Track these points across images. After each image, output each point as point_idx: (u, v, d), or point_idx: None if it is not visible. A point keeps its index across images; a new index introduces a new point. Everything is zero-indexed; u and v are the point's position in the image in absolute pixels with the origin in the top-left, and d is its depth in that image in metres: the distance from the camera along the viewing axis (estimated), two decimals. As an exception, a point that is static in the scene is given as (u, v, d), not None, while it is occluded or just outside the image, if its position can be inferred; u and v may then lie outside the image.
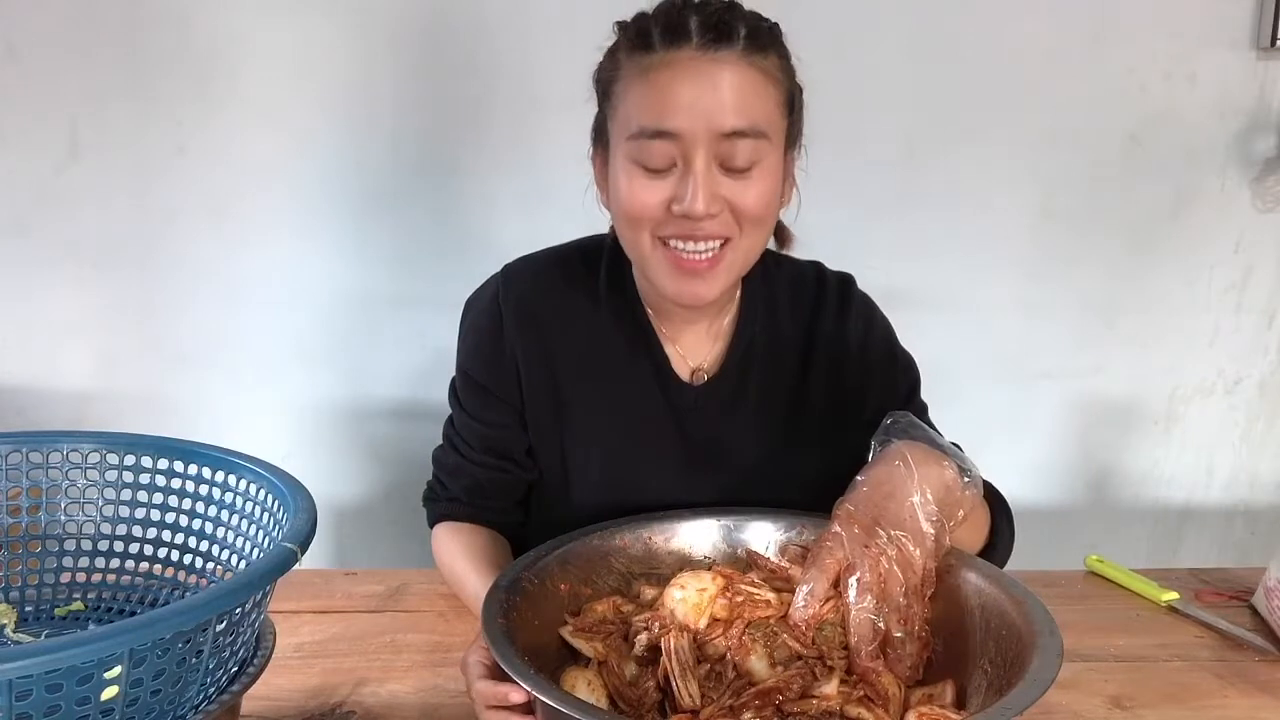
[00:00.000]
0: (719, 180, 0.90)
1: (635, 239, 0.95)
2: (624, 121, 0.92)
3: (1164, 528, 1.91)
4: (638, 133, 0.90)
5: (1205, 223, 1.74)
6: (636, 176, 0.92)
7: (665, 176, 0.91)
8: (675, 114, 0.88)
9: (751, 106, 0.89)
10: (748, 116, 0.89)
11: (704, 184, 0.89)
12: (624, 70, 0.92)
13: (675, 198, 0.90)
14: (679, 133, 0.88)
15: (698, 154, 0.89)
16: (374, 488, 1.80)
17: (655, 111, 0.89)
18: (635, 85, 0.91)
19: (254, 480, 0.73)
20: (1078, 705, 0.84)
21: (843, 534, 0.79)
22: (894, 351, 1.11)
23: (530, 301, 1.06)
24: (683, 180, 0.90)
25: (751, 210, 0.92)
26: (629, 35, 0.93)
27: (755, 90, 0.90)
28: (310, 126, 1.64)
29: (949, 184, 1.70)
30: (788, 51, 0.95)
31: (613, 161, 0.95)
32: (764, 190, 0.92)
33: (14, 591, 0.77)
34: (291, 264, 1.70)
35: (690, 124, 0.88)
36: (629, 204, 0.93)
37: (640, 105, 0.90)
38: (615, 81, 0.94)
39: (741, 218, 0.92)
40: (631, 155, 0.91)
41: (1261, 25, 1.64)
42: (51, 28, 1.58)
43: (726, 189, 0.91)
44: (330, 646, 0.93)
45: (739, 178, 0.91)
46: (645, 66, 0.90)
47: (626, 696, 0.76)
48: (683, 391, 1.06)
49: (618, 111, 0.93)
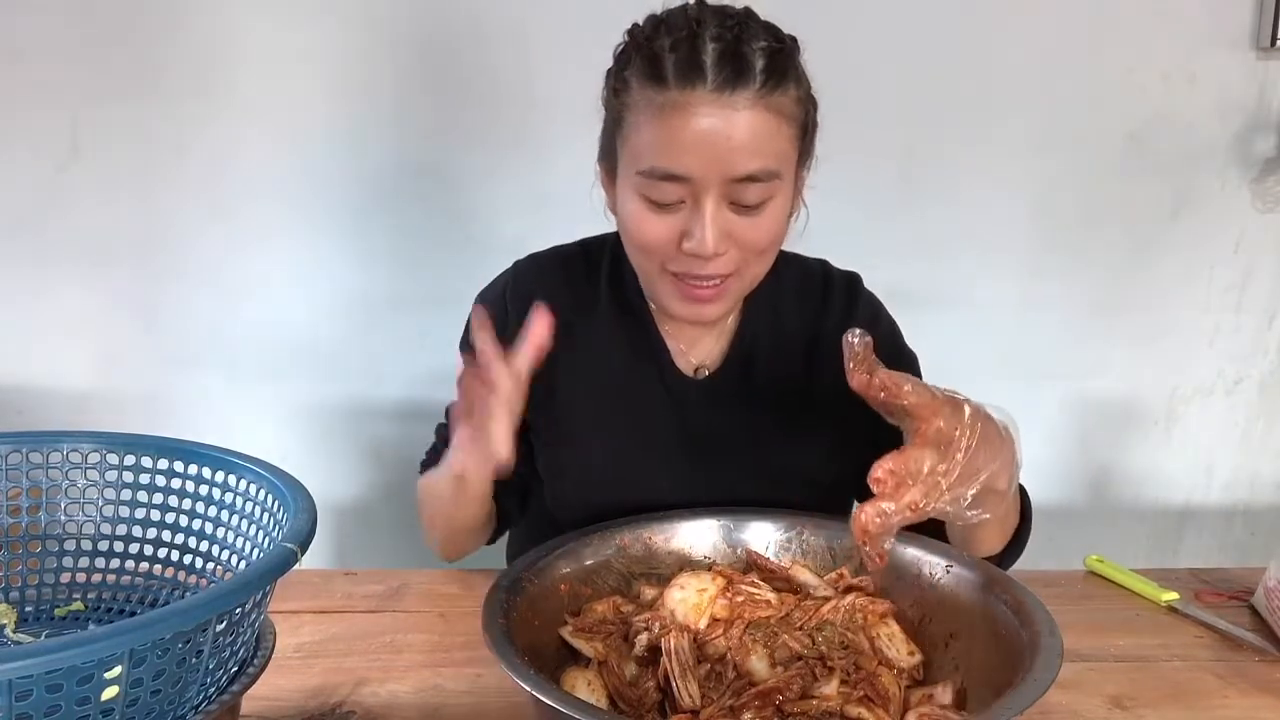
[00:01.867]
0: (729, 219, 0.90)
1: (643, 263, 0.96)
2: (634, 154, 0.91)
3: (1164, 528, 1.91)
4: (648, 171, 0.89)
5: (1205, 223, 1.74)
6: (645, 211, 0.91)
7: (674, 211, 0.90)
8: (687, 158, 0.87)
9: (765, 150, 0.88)
10: (760, 160, 0.87)
11: (713, 224, 0.88)
12: (635, 100, 0.90)
13: (684, 234, 0.90)
14: (690, 176, 0.87)
15: (708, 196, 0.88)
16: (374, 488, 1.80)
17: (667, 154, 0.87)
18: (647, 122, 0.88)
19: (254, 480, 0.73)
20: (1078, 705, 0.84)
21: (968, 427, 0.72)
22: (900, 350, 1.10)
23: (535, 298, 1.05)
24: (692, 218, 0.89)
25: (759, 246, 0.92)
26: (641, 61, 0.89)
27: (769, 132, 0.88)
28: (311, 126, 1.64)
29: (949, 184, 1.70)
30: (804, 74, 0.92)
31: (621, 186, 0.95)
32: (772, 226, 0.92)
33: (14, 591, 0.77)
34: (292, 264, 1.70)
35: (702, 169, 0.87)
36: (637, 234, 0.93)
37: (652, 145, 0.88)
38: (626, 110, 0.91)
39: (748, 251, 0.92)
40: (640, 190, 0.91)
41: (1261, 25, 1.64)
42: (52, 28, 1.58)
43: (735, 226, 0.90)
44: (330, 646, 0.93)
45: (749, 214, 0.90)
46: (659, 105, 0.87)
47: (626, 696, 0.76)
48: (685, 387, 1.06)
49: (628, 141, 0.92)
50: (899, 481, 0.69)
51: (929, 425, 0.71)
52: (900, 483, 0.69)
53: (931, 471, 0.70)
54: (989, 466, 0.72)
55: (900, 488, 0.69)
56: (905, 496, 0.69)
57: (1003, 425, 0.76)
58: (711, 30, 0.87)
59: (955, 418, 0.71)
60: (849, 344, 0.72)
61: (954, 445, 0.70)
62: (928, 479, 0.69)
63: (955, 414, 0.71)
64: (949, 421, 0.71)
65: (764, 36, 0.88)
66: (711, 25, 0.87)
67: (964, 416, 0.71)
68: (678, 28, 0.88)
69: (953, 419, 0.71)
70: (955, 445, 0.70)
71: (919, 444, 0.70)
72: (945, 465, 0.70)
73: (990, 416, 0.74)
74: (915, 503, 0.69)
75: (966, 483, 0.71)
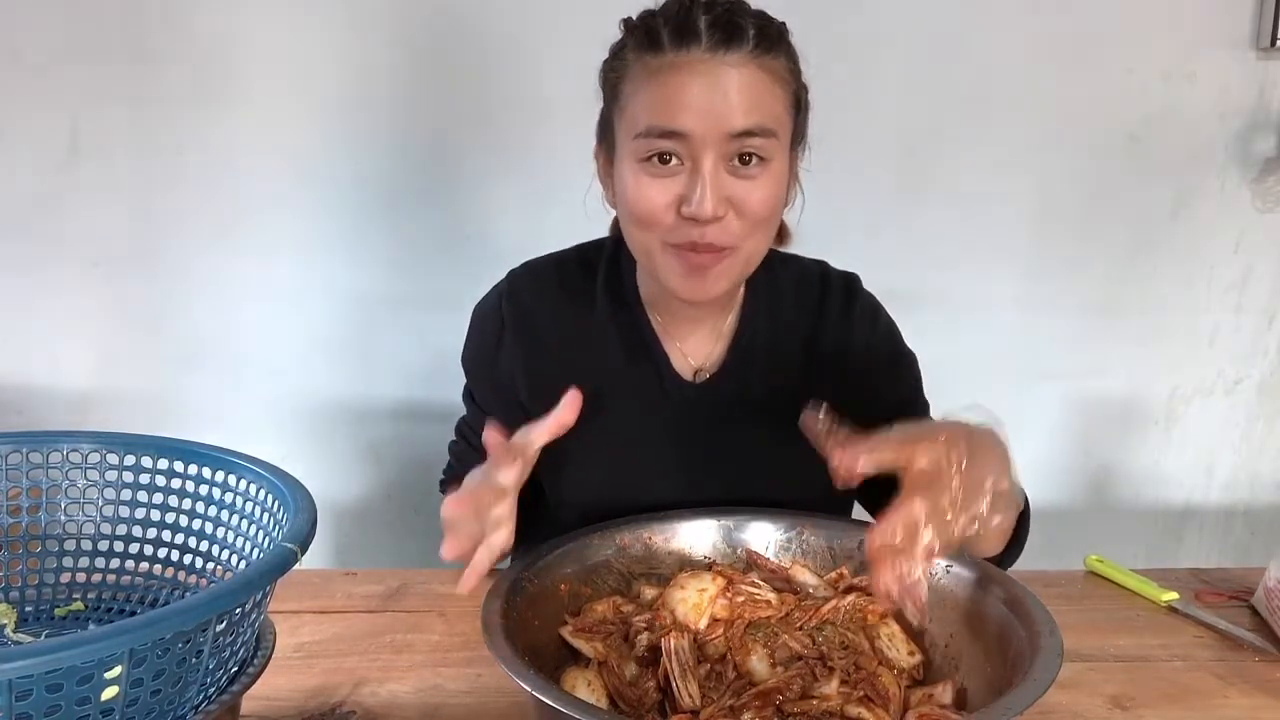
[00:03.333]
0: (727, 181, 0.90)
1: (643, 239, 0.96)
2: (631, 120, 0.92)
3: (1164, 528, 1.91)
4: (646, 131, 0.90)
5: (1205, 223, 1.74)
6: (643, 175, 0.92)
7: (673, 175, 0.91)
8: (684, 114, 0.88)
9: (760, 106, 0.89)
10: (757, 116, 0.89)
11: (712, 185, 0.89)
12: (632, 70, 0.92)
13: (683, 198, 0.90)
14: (688, 133, 0.88)
15: (706, 154, 0.89)
16: (374, 488, 1.80)
17: (664, 111, 0.89)
18: (644, 85, 0.90)
19: (254, 480, 0.73)
20: (1078, 705, 0.84)
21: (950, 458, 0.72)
22: (899, 351, 1.10)
23: (530, 308, 1.07)
24: (691, 181, 0.90)
25: (758, 211, 0.92)
26: (637, 35, 0.92)
27: (764, 90, 0.90)
28: (311, 126, 1.64)
29: (949, 184, 1.70)
30: (795, 52, 0.94)
31: (619, 160, 0.95)
32: (771, 191, 0.92)
33: (14, 591, 0.77)
34: (292, 264, 1.70)
35: (699, 124, 0.88)
36: (636, 203, 0.93)
37: (649, 105, 0.90)
38: (623, 81, 0.94)
39: (748, 219, 0.92)
40: (638, 154, 0.91)
41: (1261, 25, 1.64)
42: (52, 28, 1.58)
43: (734, 190, 0.91)
44: (330, 646, 0.93)
45: (747, 178, 0.91)
46: (654, 67, 0.90)
47: (626, 696, 0.76)
48: (684, 390, 1.06)
49: (625, 110, 0.93)
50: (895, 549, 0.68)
51: (910, 471, 0.71)
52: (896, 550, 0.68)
53: (933, 510, 0.69)
54: (989, 475, 0.71)
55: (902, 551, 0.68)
56: (918, 547, 0.68)
57: (985, 428, 0.75)
58: (704, 5, 0.90)
59: (933, 451, 0.70)
60: (808, 428, 0.74)
61: (944, 475, 0.70)
62: (934, 519, 0.68)
63: (931, 448, 0.71)
64: (928, 457, 0.70)
65: (755, 15, 0.92)
66: (704, 4, 0.90)
67: (941, 446, 0.71)
68: (671, 8, 0.92)
69: (931, 453, 0.70)
70: (946, 474, 0.70)
71: (907, 495, 0.70)
72: (946, 498, 0.69)
73: (970, 427, 0.74)
74: (931, 548, 0.68)
75: (975, 500, 0.70)
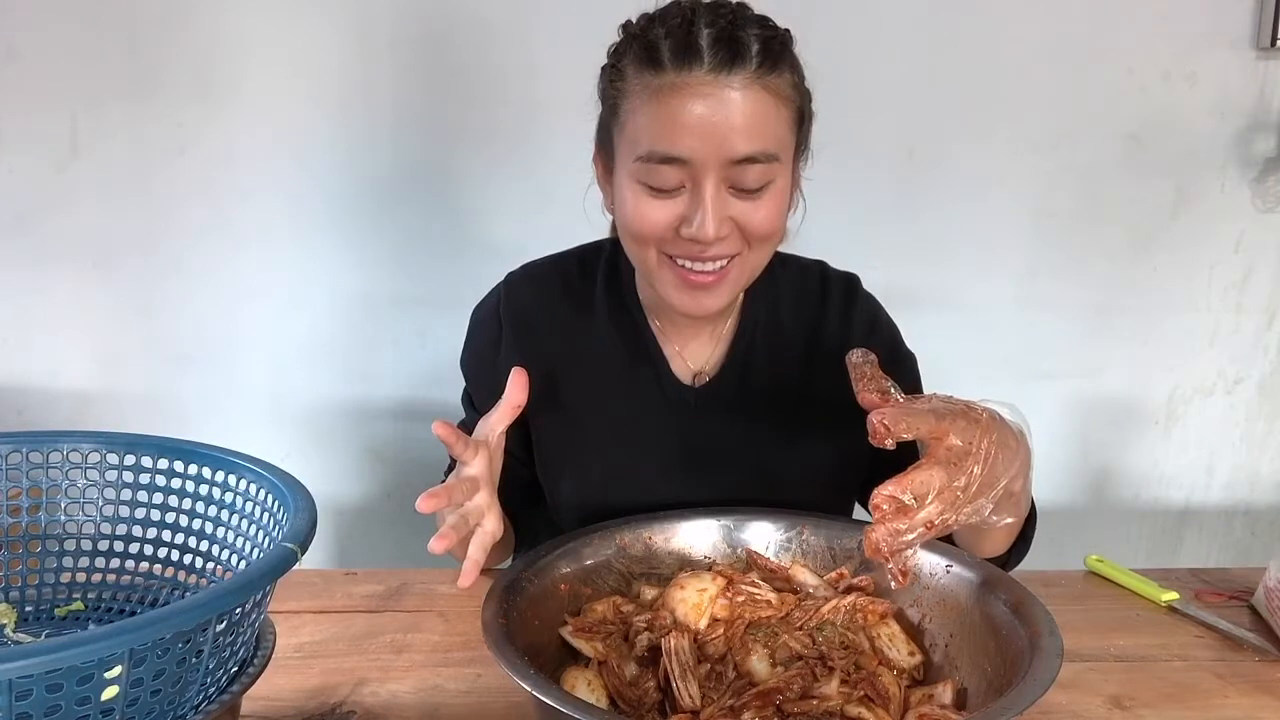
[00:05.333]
0: (729, 202, 0.89)
1: (641, 254, 0.95)
2: (632, 141, 0.90)
3: (1164, 528, 1.91)
4: (646, 156, 0.88)
5: (1205, 223, 1.74)
6: (643, 197, 0.90)
7: (673, 196, 0.90)
8: (686, 140, 0.86)
9: (763, 131, 0.87)
10: (759, 141, 0.87)
11: (714, 209, 0.87)
12: (632, 87, 0.90)
13: (684, 220, 0.89)
14: (689, 159, 0.87)
15: (708, 179, 0.87)
16: (374, 488, 1.80)
17: (665, 136, 0.87)
18: (644, 106, 0.88)
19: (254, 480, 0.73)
20: (1078, 705, 0.84)
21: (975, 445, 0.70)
22: (899, 352, 1.10)
23: (529, 311, 1.06)
24: (692, 203, 0.89)
25: (761, 229, 0.91)
26: (637, 48, 0.89)
27: (767, 113, 0.87)
28: (311, 127, 1.64)
29: (949, 184, 1.70)
30: (799, 62, 0.92)
31: (618, 176, 0.94)
32: (774, 210, 0.91)
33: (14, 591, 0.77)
34: (292, 264, 1.70)
35: (701, 151, 0.86)
36: (635, 224, 0.92)
37: (649, 128, 0.88)
38: (622, 98, 0.91)
39: (750, 237, 0.92)
40: (639, 176, 0.90)
41: (1261, 25, 1.64)
42: (52, 28, 1.58)
43: (736, 210, 0.89)
44: (330, 646, 0.93)
45: (749, 199, 0.89)
46: (655, 88, 0.87)
47: (626, 696, 0.76)
48: (684, 394, 1.06)
49: (625, 129, 0.91)
50: (901, 505, 0.67)
51: (940, 445, 0.69)
52: (901, 507, 0.67)
53: (947, 487, 0.68)
54: (1007, 473, 0.71)
55: (903, 512, 0.67)
56: (920, 514, 0.67)
57: (1016, 426, 0.74)
58: (706, 18, 0.87)
59: (969, 431, 0.69)
60: (853, 364, 0.71)
61: (970, 458, 0.69)
62: (945, 495, 0.68)
63: (969, 428, 0.69)
64: (963, 436, 0.69)
65: (758, 25, 0.89)
66: (706, 14, 0.88)
67: (978, 428, 0.70)
68: (672, 18, 0.89)
69: (967, 433, 0.69)
70: (973, 458, 0.69)
71: (928, 463, 0.69)
72: (963, 479, 0.68)
73: (1005, 421, 0.73)
74: (931, 520, 0.67)
75: (986, 492, 0.69)
